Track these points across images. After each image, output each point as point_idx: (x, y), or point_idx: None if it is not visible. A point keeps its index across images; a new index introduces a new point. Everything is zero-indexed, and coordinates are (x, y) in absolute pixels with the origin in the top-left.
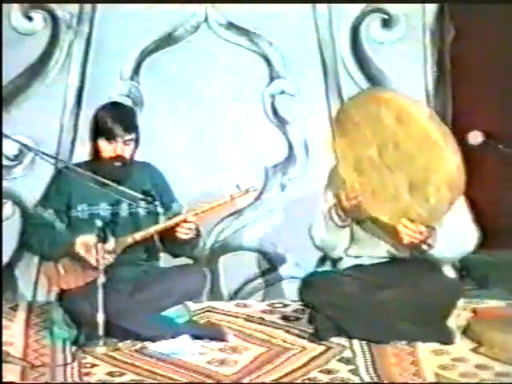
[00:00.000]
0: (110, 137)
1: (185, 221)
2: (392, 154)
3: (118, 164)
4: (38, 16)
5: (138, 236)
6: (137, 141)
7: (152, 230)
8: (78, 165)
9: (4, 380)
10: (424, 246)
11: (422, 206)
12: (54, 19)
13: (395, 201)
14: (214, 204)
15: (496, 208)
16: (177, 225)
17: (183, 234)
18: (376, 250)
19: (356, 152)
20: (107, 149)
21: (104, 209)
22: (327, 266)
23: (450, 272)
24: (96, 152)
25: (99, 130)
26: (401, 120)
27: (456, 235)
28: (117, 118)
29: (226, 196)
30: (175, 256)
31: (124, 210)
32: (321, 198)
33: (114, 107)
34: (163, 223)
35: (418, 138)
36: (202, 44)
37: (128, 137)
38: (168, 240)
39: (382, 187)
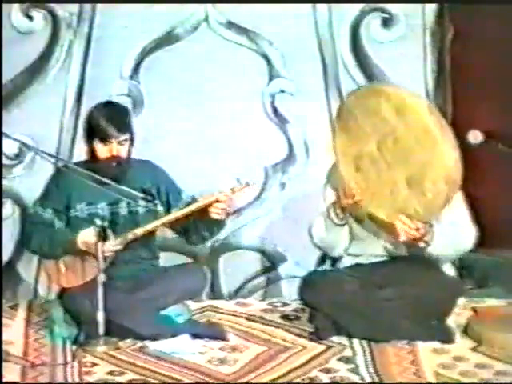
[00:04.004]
0: (105, 138)
1: (217, 201)
2: (391, 148)
3: (113, 165)
4: (39, 15)
5: (139, 231)
6: (132, 139)
7: (185, 211)
8: (77, 164)
9: (4, 379)
10: (421, 244)
11: (420, 201)
12: (54, 18)
13: (393, 197)
14: (214, 197)
15: (496, 207)
16: (209, 205)
17: (216, 213)
18: (376, 249)
19: (356, 148)
20: (102, 150)
21: (103, 208)
22: (327, 265)
23: (449, 271)
24: (92, 152)
25: (93, 132)
26: (400, 112)
27: (454, 233)
28: (110, 119)
29: (227, 189)
30: (203, 240)
31: (123, 208)
32: (320, 196)
33: (107, 108)
34: (199, 203)
35: (417, 131)
36: (202, 43)
37: (122, 137)
38: (197, 222)
39: (380, 183)
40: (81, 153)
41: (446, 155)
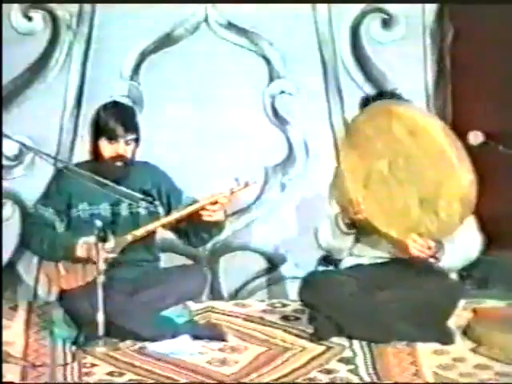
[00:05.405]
0: (112, 137)
1: (216, 202)
2: (403, 167)
3: (119, 164)
4: (38, 16)
5: (138, 233)
6: (137, 140)
7: (184, 212)
8: (78, 165)
9: (4, 380)
10: (431, 260)
11: (432, 220)
12: (54, 19)
13: (404, 215)
14: (213, 198)
15: (496, 208)
16: (202, 208)
17: (208, 216)
18: (379, 251)
19: (365, 165)
20: (109, 149)
21: (104, 209)
22: (327, 266)
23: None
24: (96, 152)
25: (100, 130)
26: (413, 133)
27: (463, 247)
28: (118, 118)
29: (226, 190)
30: (202, 242)
31: (124, 209)
32: (325, 201)
33: (115, 107)
34: (198, 204)
35: (431, 152)
36: (202, 44)
37: (129, 137)
38: (196, 224)
39: (391, 201)
40: (81, 153)
41: (462, 177)
